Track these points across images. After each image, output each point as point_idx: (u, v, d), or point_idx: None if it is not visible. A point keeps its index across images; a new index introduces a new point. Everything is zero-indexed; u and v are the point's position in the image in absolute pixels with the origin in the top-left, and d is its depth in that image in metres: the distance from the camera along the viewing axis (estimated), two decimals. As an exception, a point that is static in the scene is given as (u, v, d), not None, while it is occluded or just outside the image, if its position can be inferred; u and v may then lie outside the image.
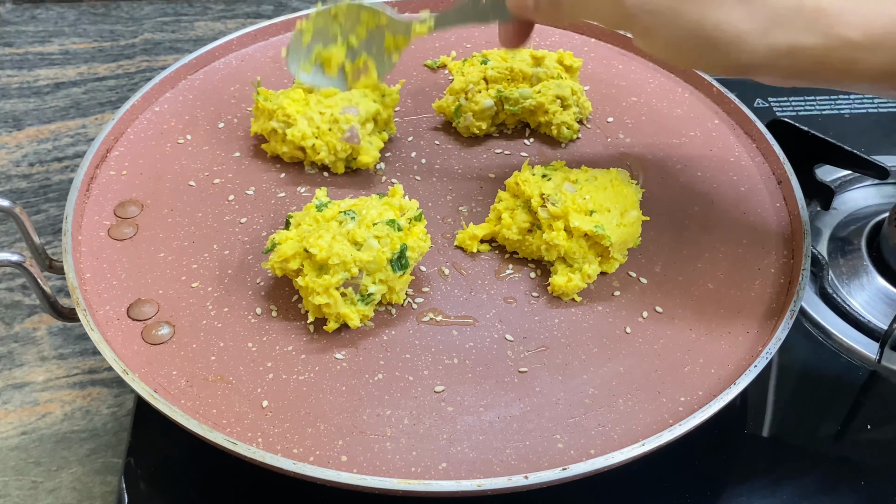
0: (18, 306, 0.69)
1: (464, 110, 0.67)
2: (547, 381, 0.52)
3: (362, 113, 0.63)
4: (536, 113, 0.68)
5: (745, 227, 0.62)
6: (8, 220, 0.75)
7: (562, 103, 0.67)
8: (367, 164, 0.64)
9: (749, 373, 0.51)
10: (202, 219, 0.60)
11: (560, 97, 0.67)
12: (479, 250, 0.60)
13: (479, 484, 0.46)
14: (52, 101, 0.87)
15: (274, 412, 0.50)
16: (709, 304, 0.57)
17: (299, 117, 0.62)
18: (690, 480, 0.56)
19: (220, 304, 0.55)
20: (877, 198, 0.75)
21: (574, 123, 0.68)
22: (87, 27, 0.97)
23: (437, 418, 0.50)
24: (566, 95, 0.67)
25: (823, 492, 0.57)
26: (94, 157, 0.62)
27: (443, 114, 0.69)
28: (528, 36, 0.58)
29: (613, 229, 0.56)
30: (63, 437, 0.61)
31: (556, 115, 0.67)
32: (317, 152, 0.63)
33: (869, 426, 0.60)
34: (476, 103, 0.67)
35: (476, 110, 0.67)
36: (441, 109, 0.69)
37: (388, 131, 0.66)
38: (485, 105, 0.67)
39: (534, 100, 0.67)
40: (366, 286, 0.53)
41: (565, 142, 0.68)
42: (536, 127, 0.69)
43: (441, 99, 0.69)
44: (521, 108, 0.67)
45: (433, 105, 0.69)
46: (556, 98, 0.67)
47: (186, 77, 0.71)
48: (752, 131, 0.69)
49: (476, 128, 0.67)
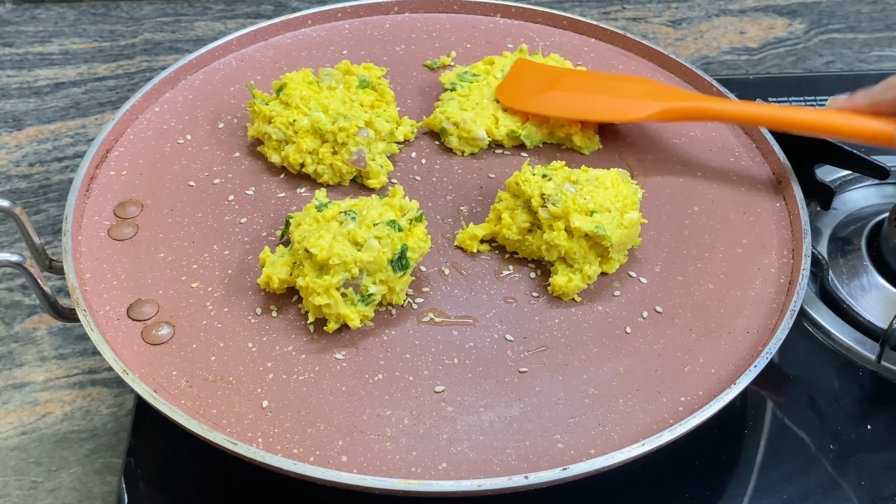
0: (18, 306, 0.69)
1: (450, 132, 0.66)
2: (547, 381, 0.52)
3: (371, 135, 0.62)
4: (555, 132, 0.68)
5: (745, 227, 0.62)
6: (8, 220, 0.75)
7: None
8: (375, 187, 0.63)
9: (749, 373, 0.51)
10: (202, 219, 0.60)
11: None
12: (479, 250, 0.60)
13: (479, 484, 0.46)
14: (52, 101, 0.87)
15: (274, 412, 0.50)
16: (709, 304, 0.57)
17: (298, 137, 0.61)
18: (690, 480, 0.56)
19: (220, 304, 0.55)
20: (877, 198, 0.75)
21: (595, 134, 0.67)
22: (87, 27, 0.97)
23: (438, 418, 0.50)
24: None
25: (823, 492, 0.57)
26: (94, 157, 0.62)
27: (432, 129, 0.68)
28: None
29: (614, 229, 0.56)
30: (63, 437, 0.61)
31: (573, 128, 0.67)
32: (319, 175, 0.63)
33: (869, 426, 0.60)
34: (468, 131, 0.66)
35: (466, 138, 0.66)
36: (430, 126, 0.68)
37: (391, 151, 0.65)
38: (477, 136, 0.66)
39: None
40: (366, 286, 0.53)
41: (588, 152, 0.68)
42: (556, 141, 0.68)
43: (432, 115, 0.68)
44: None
45: (422, 122, 0.68)
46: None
47: (186, 77, 0.71)
48: (752, 131, 0.69)
49: (460, 152, 0.67)
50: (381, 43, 0.76)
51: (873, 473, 0.58)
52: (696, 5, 1.05)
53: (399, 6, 0.79)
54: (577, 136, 0.67)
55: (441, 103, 0.68)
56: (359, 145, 0.62)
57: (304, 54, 0.74)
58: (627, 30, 0.83)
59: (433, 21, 0.79)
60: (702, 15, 1.03)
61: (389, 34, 0.77)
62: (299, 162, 0.62)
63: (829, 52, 0.99)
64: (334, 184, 0.63)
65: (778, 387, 0.62)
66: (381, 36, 0.77)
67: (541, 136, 0.67)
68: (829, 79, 0.92)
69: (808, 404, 0.62)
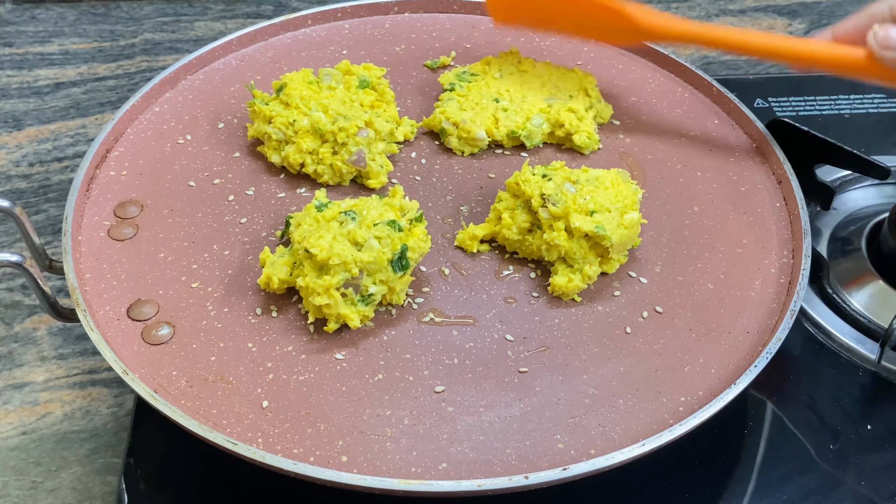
0: (18, 306, 0.69)
1: (449, 132, 0.66)
2: (547, 381, 0.52)
3: (371, 135, 0.62)
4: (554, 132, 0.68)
5: (745, 227, 0.62)
6: (8, 220, 0.75)
7: (577, 116, 0.67)
8: (375, 187, 0.63)
9: (749, 373, 0.51)
10: (202, 219, 0.60)
11: (573, 110, 0.67)
12: (479, 250, 0.60)
13: (479, 484, 0.46)
14: (52, 101, 0.87)
15: (274, 412, 0.50)
16: (709, 304, 0.57)
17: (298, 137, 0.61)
18: (690, 480, 0.56)
19: (220, 304, 0.55)
20: (877, 198, 0.75)
21: (595, 134, 0.67)
22: (87, 27, 0.97)
23: (438, 418, 0.50)
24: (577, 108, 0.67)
25: (823, 492, 0.57)
26: (94, 157, 0.62)
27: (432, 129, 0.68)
28: None
29: (614, 230, 0.56)
30: (63, 437, 0.61)
31: (573, 124, 0.66)
32: (319, 175, 0.63)
33: (869, 426, 0.60)
34: (467, 131, 0.66)
35: (466, 138, 0.66)
36: (429, 126, 0.68)
37: (391, 151, 0.65)
38: (477, 136, 0.66)
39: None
40: (366, 287, 0.53)
41: (587, 152, 0.68)
42: (556, 141, 0.68)
43: (431, 115, 0.68)
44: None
45: (422, 122, 0.68)
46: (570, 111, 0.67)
47: (186, 77, 0.71)
48: (752, 131, 0.69)
49: (460, 152, 0.67)
50: (381, 43, 0.76)
51: (873, 473, 0.58)
52: (696, 5, 1.05)
53: (399, 6, 0.79)
54: (577, 136, 0.67)
55: (441, 103, 0.68)
56: (359, 145, 0.62)
57: (304, 54, 0.74)
58: (627, 30, 0.83)
59: (433, 21, 0.79)
60: (702, 15, 1.03)
61: (389, 34, 0.77)
62: (299, 162, 0.62)
63: (829, 52, 0.99)
64: (334, 184, 0.63)
65: (778, 387, 0.62)
66: (381, 36, 0.77)
67: (541, 135, 0.67)
68: (829, 79, 0.92)
69: (808, 404, 0.62)
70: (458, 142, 0.66)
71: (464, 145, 0.66)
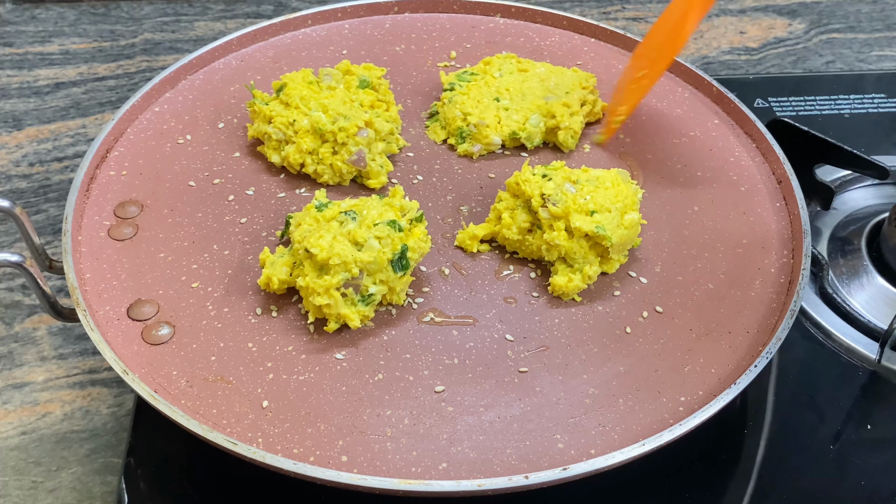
0: (18, 306, 0.69)
1: (470, 135, 0.66)
2: (547, 380, 0.52)
3: (371, 135, 0.62)
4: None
5: (745, 227, 0.62)
6: (8, 220, 0.75)
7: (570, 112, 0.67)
8: (375, 187, 0.63)
9: (749, 373, 0.51)
10: (202, 219, 0.60)
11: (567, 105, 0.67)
12: (479, 250, 0.60)
13: (479, 484, 0.46)
14: (52, 101, 0.87)
15: (274, 412, 0.50)
16: (709, 304, 0.57)
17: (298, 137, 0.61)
18: (690, 480, 0.56)
19: (220, 304, 0.55)
20: (877, 198, 0.75)
21: (578, 132, 0.67)
22: (87, 27, 0.97)
23: (438, 418, 0.50)
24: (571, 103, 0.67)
25: (823, 492, 0.57)
26: (94, 157, 0.62)
27: (438, 135, 0.68)
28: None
29: (614, 230, 0.56)
30: (63, 437, 0.61)
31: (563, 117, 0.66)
32: (319, 175, 0.63)
33: (869, 426, 0.60)
34: (485, 136, 0.66)
35: (484, 143, 0.66)
36: (436, 133, 0.68)
37: (391, 151, 0.65)
38: (493, 141, 0.66)
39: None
40: (366, 286, 0.53)
41: (567, 150, 0.68)
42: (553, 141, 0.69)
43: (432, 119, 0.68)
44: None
45: (426, 129, 0.69)
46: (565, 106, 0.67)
47: (186, 77, 0.71)
48: (752, 131, 0.69)
49: (469, 155, 0.67)
50: (381, 43, 0.76)
51: (873, 473, 0.58)
52: (696, 5, 1.05)
53: (399, 6, 0.79)
54: (562, 132, 0.66)
55: (441, 103, 0.68)
56: (359, 145, 0.62)
57: (304, 54, 0.75)
58: (627, 30, 0.83)
59: (433, 21, 0.79)
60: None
61: (389, 34, 0.77)
62: (299, 162, 0.62)
63: (829, 51, 0.99)
64: (334, 184, 0.63)
65: (778, 387, 0.62)
66: (381, 36, 0.77)
67: (540, 136, 0.67)
68: (828, 78, 0.92)
69: (808, 404, 0.62)
70: (469, 145, 0.66)
71: (472, 147, 0.66)
